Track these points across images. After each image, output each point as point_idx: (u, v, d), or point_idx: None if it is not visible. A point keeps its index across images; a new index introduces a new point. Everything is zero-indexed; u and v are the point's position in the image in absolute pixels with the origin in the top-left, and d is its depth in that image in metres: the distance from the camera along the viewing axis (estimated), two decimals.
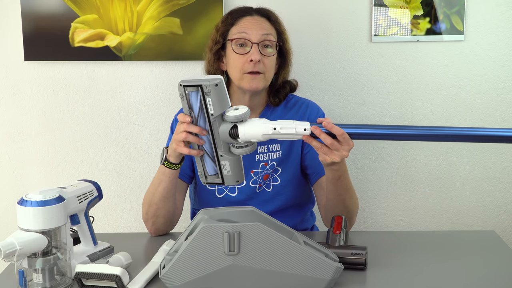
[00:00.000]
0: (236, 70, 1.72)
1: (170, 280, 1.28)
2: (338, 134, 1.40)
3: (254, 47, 1.70)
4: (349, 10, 2.15)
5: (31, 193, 1.32)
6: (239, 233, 1.25)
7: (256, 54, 1.69)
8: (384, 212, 2.29)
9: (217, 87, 1.33)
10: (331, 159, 1.43)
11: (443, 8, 2.12)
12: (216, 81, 1.33)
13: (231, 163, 1.41)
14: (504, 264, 1.46)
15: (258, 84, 1.71)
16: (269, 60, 1.73)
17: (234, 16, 1.78)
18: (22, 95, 2.23)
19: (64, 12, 2.13)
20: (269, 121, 1.38)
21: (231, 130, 1.36)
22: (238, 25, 1.75)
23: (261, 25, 1.74)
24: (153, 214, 1.68)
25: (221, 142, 1.39)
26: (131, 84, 2.22)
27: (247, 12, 1.78)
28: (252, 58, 1.69)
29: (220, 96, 1.34)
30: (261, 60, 1.70)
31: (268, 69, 1.73)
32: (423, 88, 2.19)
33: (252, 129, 1.36)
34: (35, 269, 1.31)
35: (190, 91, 1.36)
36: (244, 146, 1.37)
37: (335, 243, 1.44)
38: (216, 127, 1.37)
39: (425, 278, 1.38)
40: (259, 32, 1.72)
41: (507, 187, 2.26)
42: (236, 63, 1.72)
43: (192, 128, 1.41)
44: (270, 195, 1.78)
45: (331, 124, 1.40)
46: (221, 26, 1.78)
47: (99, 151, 2.26)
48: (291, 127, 1.38)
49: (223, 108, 1.36)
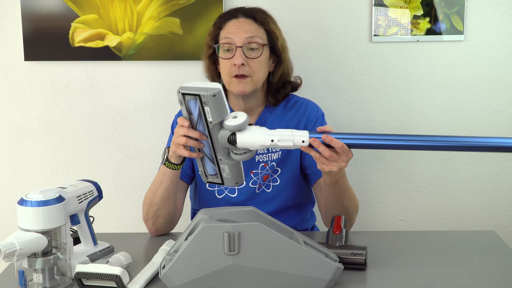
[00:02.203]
0: (225, 75, 1.73)
1: (170, 280, 1.28)
2: (337, 147, 1.39)
3: (238, 50, 1.69)
4: (349, 10, 2.15)
5: (31, 193, 1.32)
6: (239, 233, 1.25)
7: (239, 58, 1.68)
8: (384, 212, 2.29)
9: (215, 97, 1.31)
10: (329, 169, 1.43)
11: (443, 8, 2.12)
12: (214, 92, 1.30)
13: (230, 167, 1.41)
14: (504, 264, 1.46)
15: (244, 88, 1.70)
16: (255, 62, 1.71)
17: (222, 19, 1.77)
18: (22, 95, 2.23)
19: (64, 12, 2.13)
20: (268, 131, 1.37)
21: (230, 137, 1.35)
22: (225, 29, 1.74)
23: (245, 28, 1.72)
24: (153, 214, 1.68)
25: (220, 147, 1.38)
26: (131, 84, 2.22)
27: (233, 15, 1.76)
28: (235, 62, 1.68)
29: (218, 106, 1.32)
30: (246, 63, 1.69)
31: (255, 71, 1.71)
32: (423, 88, 2.19)
33: (250, 139, 1.35)
34: (35, 269, 1.31)
35: (188, 98, 1.35)
36: (243, 153, 1.37)
37: (335, 243, 1.44)
38: (215, 133, 1.37)
39: (425, 278, 1.38)
40: (243, 36, 1.70)
41: (507, 187, 2.26)
42: (224, 68, 1.73)
43: (191, 133, 1.41)
44: (269, 195, 1.78)
45: (330, 138, 1.39)
46: (212, 30, 1.78)
47: (99, 151, 2.26)
48: (289, 139, 1.37)
49: (222, 117, 1.34)
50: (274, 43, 1.76)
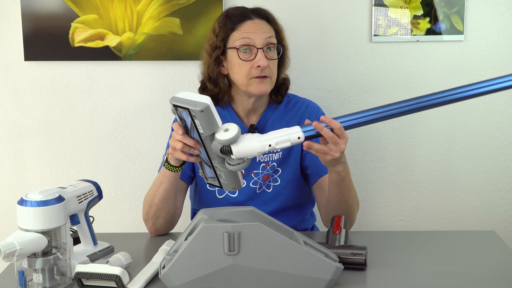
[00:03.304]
0: (242, 76, 1.71)
1: (170, 280, 1.28)
2: (336, 128, 1.41)
3: (259, 52, 1.69)
4: (349, 10, 2.15)
5: (31, 193, 1.32)
6: (239, 233, 1.25)
7: (264, 59, 1.68)
8: (384, 212, 2.29)
9: (202, 113, 1.29)
10: (331, 157, 1.44)
11: (443, 8, 2.12)
12: (203, 107, 1.28)
13: (226, 174, 1.41)
14: (504, 264, 1.46)
15: (266, 88, 1.71)
16: (274, 63, 1.73)
17: (233, 20, 1.73)
18: (22, 95, 2.23)
19: (64, 12, 2.13)
20: (262, 137, 1.36)
21: (223, 148, 1.33)
22: (240, 30, 1.72)
23: (263, 29, 1.72)
24: (153, 215, 1.68)
25: (215, 156, 1.38)
26: (131, 84, 2.22)
27: (247, 16, 1.74)
28: (259, 64, 1.67)
29: (207, 120, 1.30)
30: (267, 64, 1.69)
31: (274, 72, 1.73)
32: (423, 88, 2.19)
33: (247, 148, 1.34)
34: (35, 269, 1.31)
35: (180, 109, 1.35)
36: (236, 164, 1.35)
37: (335, 243, 1.44)
38: (208, 143, 1.36)
39: (425, 278, 1.38)
40: (262, 36, 1.70)
41: (507, 187, 2.26)
42: (242, 69, 1.70)
43: (187, 141, 1.41)
44: (270, 195, 1.78)
45: (328, 119, 1.41)
46: (220, 31, 1.74)
47: (99, 151, 2.26)
48: (285, 139, 1.37)
49: (212, 130, 1.32)
50: (281, 43, 1.77)
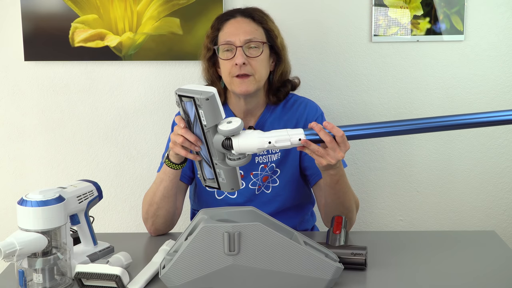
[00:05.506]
0: (226, 75, 1.73)
1: (170, 280, 1.28)
2: (338, 136, 1.41)
3: (238, 50, 1.69)
4: (349, 10, 2.15)
5: (31, 193, 1.32)
6: (239, 233, 1.25)
7: (240, 57, 1.68)
8: (384, 212, 2.29)
9: (208, 101, 1.31)
10: (327, 162, 1.43)
11: (443, 8, 2.12)
12: (208, 95, 1.31)
13: (226, 172, 1.41)
14: (504, 264, 1.46)
15: (248, 87, 1.70)
16: (256, 60, 1.71)
17: (219, 21, 1.77)
18: (22, 95, 2.23)
19: (64, 12, 2.13)
20: (263, 133, 1.38)
21: (225, 141, 1.36)
22: (223, 30, 1.74)
23: (244, 27, 1.73)
24: (153, 214, 1.68)
25: (216, 151, 1.39)
26: (131, 84, 2.22)
27: (231, 15, 1.76)
28: (236, 61, 1.68)
29: (211, 109, 1.33)
30: (247, 62, 1.69)
31: (257, 70, 1.71)
32: (423, 88, 2.19)
33: (247, 143, 1.36)
34: (35, 269, 1.31)
35: (185, 100, 1.36)
36: (237, 159, 1.37)
37: (335, 243, 1.44)
38: (210, 137, 1.37)
39: (425, 278, 1.38)
40: (242, 35, 1.70)
41: (507, 187, 2.26)
42: (224, 69, 1.72)
43: (188, 136, 1.42)
44: (269, 196, 1.78)
45: (331, 125, 1.41)
46: (210, 32, 1.78)
47: (99, 151, 2.26)
48: (286, 139, 1.38)
49: (216, 121, 1.35)
50: (273, 41, 1.76)
